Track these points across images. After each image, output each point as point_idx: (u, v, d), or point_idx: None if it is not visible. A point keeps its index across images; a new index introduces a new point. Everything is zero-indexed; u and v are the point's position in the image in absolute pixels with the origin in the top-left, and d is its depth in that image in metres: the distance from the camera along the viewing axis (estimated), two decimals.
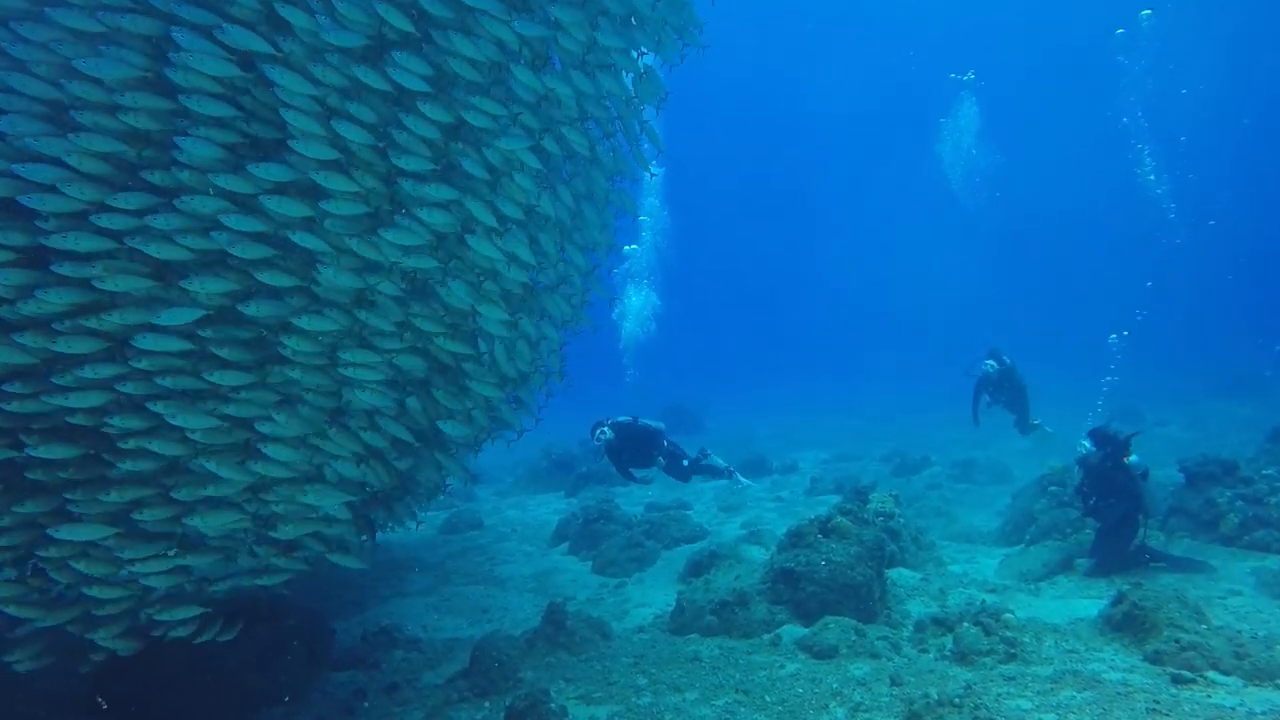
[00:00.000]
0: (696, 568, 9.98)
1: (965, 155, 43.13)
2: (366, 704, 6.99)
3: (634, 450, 11.34)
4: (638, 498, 16.65)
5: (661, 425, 11.58)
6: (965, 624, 6.98)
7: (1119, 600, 7.10)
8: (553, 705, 6.04)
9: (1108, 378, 14.39)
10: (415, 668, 7.85)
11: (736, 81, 66.10)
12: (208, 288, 5.19)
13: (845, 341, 58.71)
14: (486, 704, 6.67)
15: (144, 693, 6.38)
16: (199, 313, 5.20)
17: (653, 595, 9.82)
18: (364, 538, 7.11)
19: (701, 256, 75.10)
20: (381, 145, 5.63)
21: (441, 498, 11.52)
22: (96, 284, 4.92)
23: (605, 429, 11.06)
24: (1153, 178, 28.02)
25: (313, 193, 5.49)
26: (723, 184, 73.87)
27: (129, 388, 5.13)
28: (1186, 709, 5.45)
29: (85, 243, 4.87)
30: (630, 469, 11.43)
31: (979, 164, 43.49)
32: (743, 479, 12.59)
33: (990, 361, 14.10)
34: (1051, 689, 5.91)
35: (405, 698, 7.06)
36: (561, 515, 14.56)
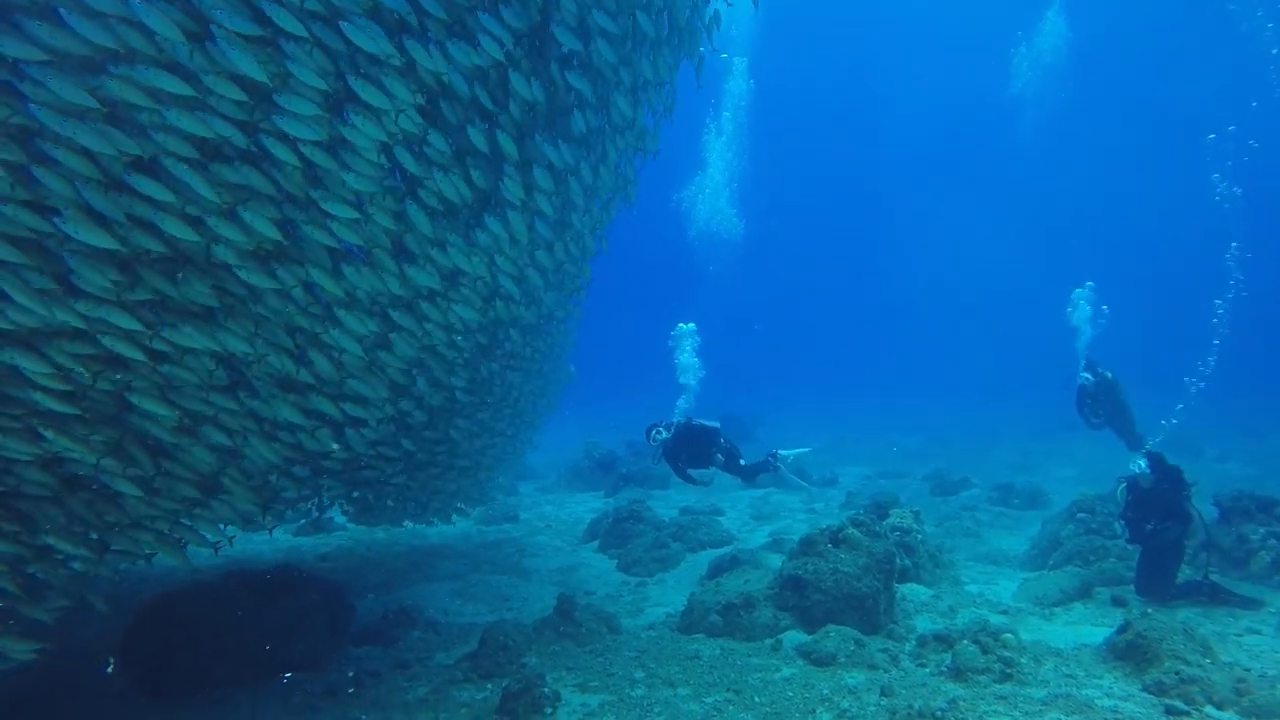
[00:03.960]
0: (717, 571, 10.12)
1: (1043, 91, 39.62)
2: (375, 678, 7.31)
3: (691, 450, 11.34)
4: (675, 500, 16.86)
5: (717, 424, 11.60)
6: (965, 641, 7.00)
7: (1124, 629, 7.04)
8: (546, 690, 6.29)
9: (1173, 420, 13.98)
10: (430, 648, 8.17)
11: (806, 97, 65.44)
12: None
13: (921, 362, 57.82)
14: (489, 685, 6.93)
15: (166, 651, 6.79)
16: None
17: (671, 596, 9.98)
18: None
19: (771, 271, 74.91)
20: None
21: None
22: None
23: (661, 429, 11.12)
24: None
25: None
26: (795, 195, 73.35)
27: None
28: None
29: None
30: (688, 469, 11.44)
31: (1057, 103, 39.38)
32: (792, 477, 12.17)
33: (1085, 374, 13.91)
34: (1040, 710, 5.91)
35: (414, 674, 7.36)
36: (596, 514, 14.83)
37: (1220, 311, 16.66)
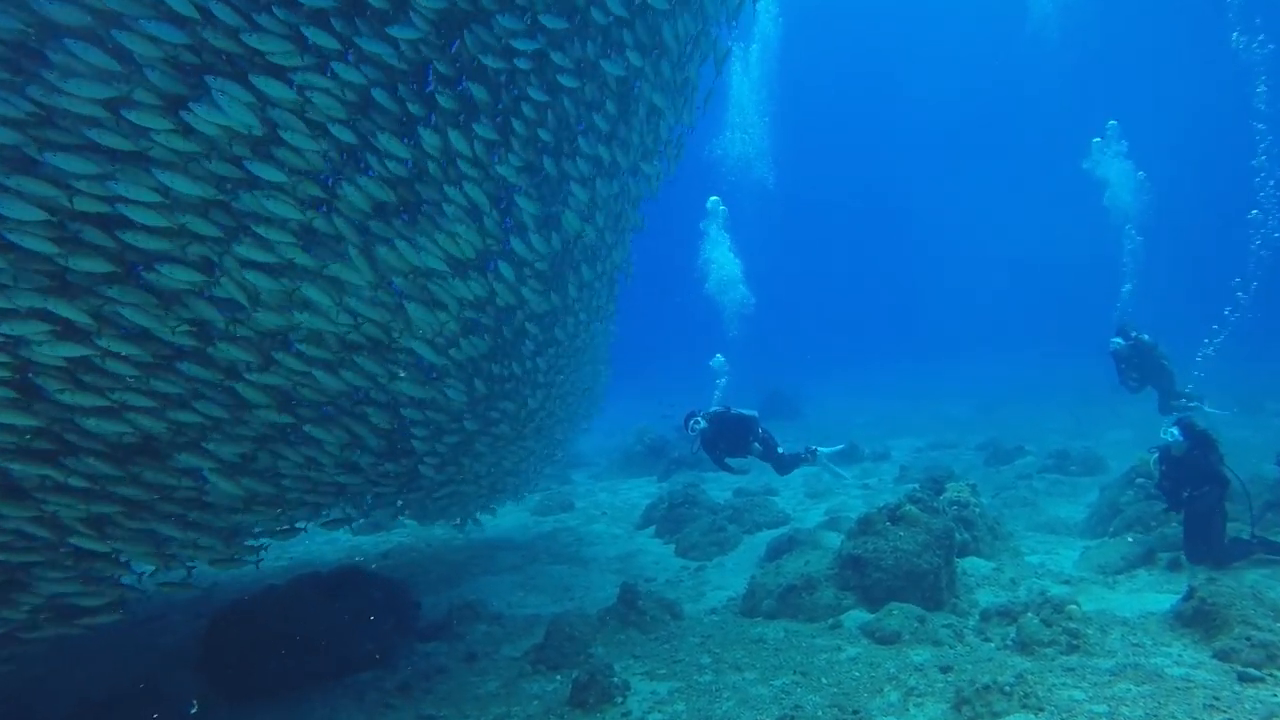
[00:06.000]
0: (775, 553, 10.20)
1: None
2: (445, 674, 7.50)
3: (729, 439, 11.40)
4: (728, 483, 16.88)
5: (754, 413, 11.66)
6: (1028, 614, 7.01)
7: (1190, 595, 6.99)
8: (615, 679, 6.44)
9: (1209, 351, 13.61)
10: (496, 641, 8.35)
11: (829, 49, 64.40)
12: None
13: (966, 328, 56.90)
14: (558, 676, 7.09)
15: (241, 655, 7.06)
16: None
17: (730, 579, 10.08)
18: None
19: (807, 236, 73.93)
20: None
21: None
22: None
23: (699, 419, 11.17)
24: None
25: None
26: (828, 159, 72.29)
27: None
28: (1248, 706, 5.40)
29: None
30: (726, 458, 11.51)
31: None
32: (833, 466, 12.14)
33: (1116, 338, 13.72)
34: (1109, 681, 5.92)
35: (483, 668, 7.55)
36: (651, 499, 14.95)
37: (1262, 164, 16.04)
